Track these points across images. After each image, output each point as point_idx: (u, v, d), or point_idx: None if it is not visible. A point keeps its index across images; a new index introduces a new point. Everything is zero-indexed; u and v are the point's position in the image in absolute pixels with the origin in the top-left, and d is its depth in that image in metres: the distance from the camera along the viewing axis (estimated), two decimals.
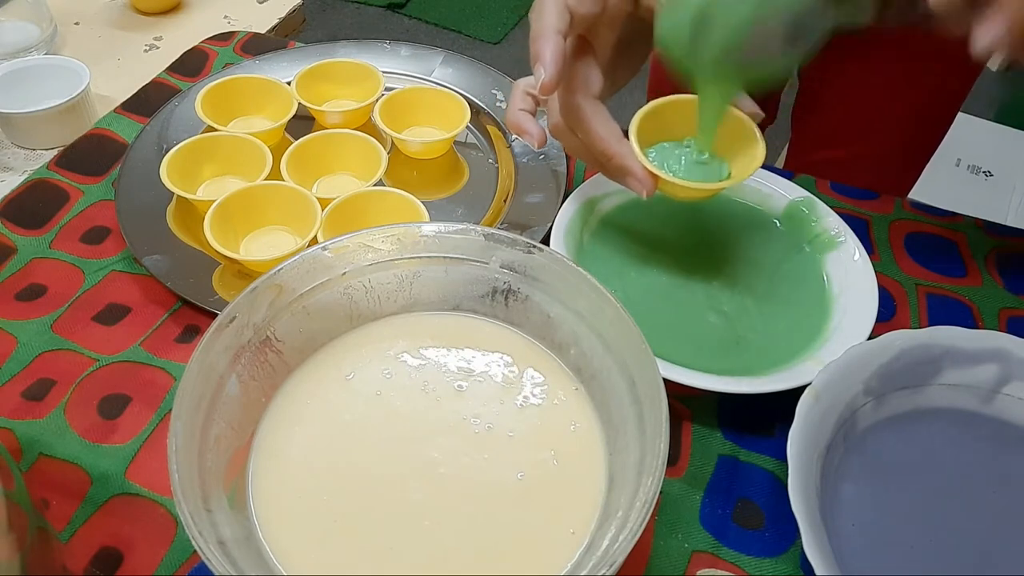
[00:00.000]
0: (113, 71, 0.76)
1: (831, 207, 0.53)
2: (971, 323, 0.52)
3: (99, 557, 0.39)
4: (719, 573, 0.40)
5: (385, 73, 0.64)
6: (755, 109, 0.47)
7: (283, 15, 0.86)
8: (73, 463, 0.42)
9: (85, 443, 0.43)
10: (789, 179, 0.56)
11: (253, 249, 0.53)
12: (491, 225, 0.55)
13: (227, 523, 0.32)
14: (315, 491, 0.35)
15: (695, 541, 0.41)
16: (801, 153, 0.79)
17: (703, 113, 0.46)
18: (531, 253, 0.39)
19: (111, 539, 0.40)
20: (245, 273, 0.51)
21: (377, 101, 0.61)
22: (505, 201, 0.57)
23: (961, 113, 0.73)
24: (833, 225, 0.52)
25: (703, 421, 0.46)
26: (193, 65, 0.70)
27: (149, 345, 0.48)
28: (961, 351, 0.44)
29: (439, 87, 0.65)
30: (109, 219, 0.55)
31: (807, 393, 0.41)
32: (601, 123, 0.46)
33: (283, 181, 0.54)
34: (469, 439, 0.37)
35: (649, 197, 0.46)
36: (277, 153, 0.56)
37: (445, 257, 0.40)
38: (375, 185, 0.55)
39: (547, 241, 0.50)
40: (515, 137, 0.61)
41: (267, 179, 0.54)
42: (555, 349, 0.40)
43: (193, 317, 0.50)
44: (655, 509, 0.41)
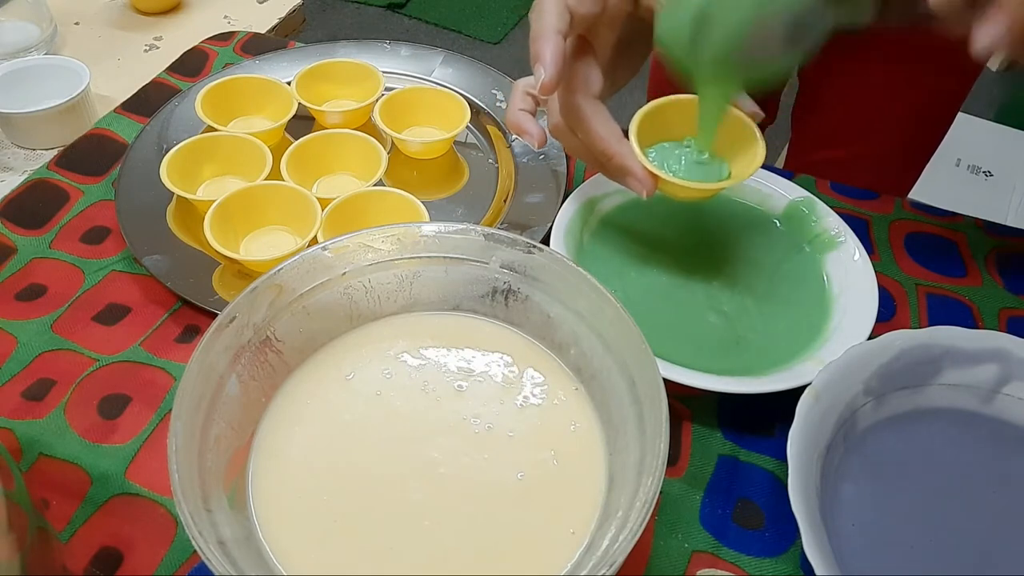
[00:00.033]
0: (113, 71, 0.76)
1: (831, 207, 0.53)
2: (971, 323, 0.52)
3: (99, 557, 0.39)
4: (719, 573, 0.40)
5: (385, 73, 0.64)
6: (755, 109, 0.47)
7: (283, 15, 0.86)
8: (73, 463, 0.42)
9: (85, 443, 0.43)
10: (789, 179, 0.56)
11: (253, 249, 0.53)
12: (491, 225, 0.55)
13: (227, 523, 0.32)
14: (315, 491, 0.35)
15: (695, 541, 0.41)
16: (801, 153, 0.79)
17: (703, 112, 0.46)
18: (531, 253, 0.39)
19: (111, 539, 0.40)
20: (245, 273, 0.51)
21: (377, 101, 0.61)
22: (505, 201, 0.57)
23: (961, 113, 0.73)
24: (833, 225, 0.52)
25: (703, 421, 0.46)
26: (193, 65, 0.70)
27: (149, 345, 0.48)
28: (961, 351, 0.44)
29: (439, 87, 0.65)
30: (109, 219, 0.55)
31: (807, 393, 0.41)
32: (601, 123, 0.46)
33: (283, 181, 0.54)
34: (469, 439, 0.37)
35: (649, 197, 0.46)
36: (277, 153, 0.56)
37: (445, 257, 0.40)
38: (375, 185, 0.55)
39: (547, 241, 0.50)
40: (515, 137, 0.61)
41: (267, 179, 0.54)
42: (555, 349, 0.40)
43: (193, 317, 0.50)
44: (655, 509, 0.41)
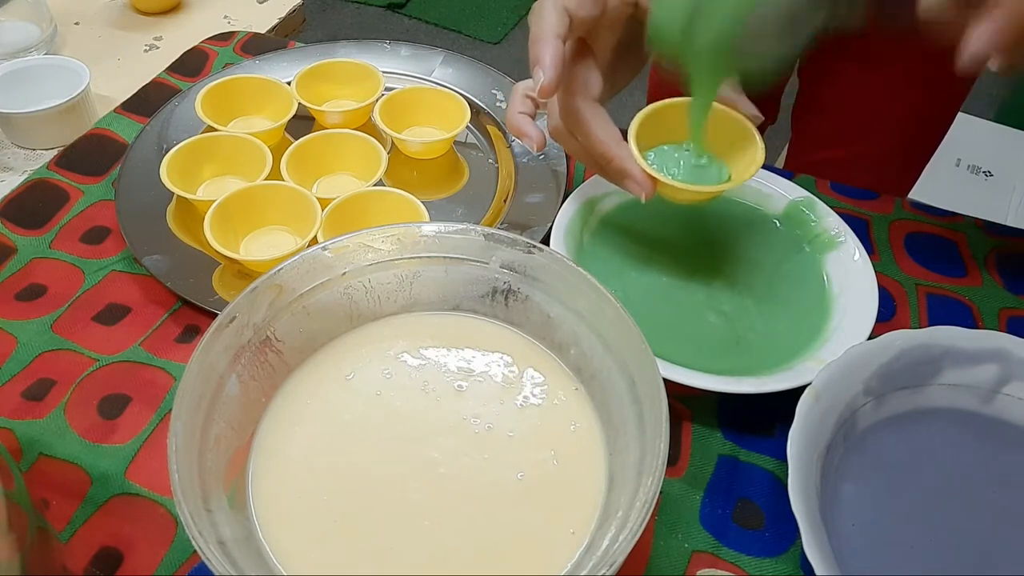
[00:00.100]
0: (113, 71, 0.76)
1: (831, 207, 0.53)
2: (971, 323, 0.52)
3: (99, 557, 0.39)
4: (719, 573, 0.40)
5: (385, 73, 0.64)
6: (754, 112, 0.47)
7: (283, 15, 0.86)
8: (73, 463, 0.42)
9: (85, 443, 0.43)
10: (789, 179, 0.56)
11: (253, 249, 0.53)
12: (491, 225, 0.55)
13: (227, 523, 0.32)
14: (315, 491, 0.35)
15: (695, 541, 0.41)
16: (801, 153, 0.79)
17: (693, 105, 0.46)
18: (531, 253, 0.39)
19: (111, 539, 0.40)
20: (245, 273, 0.51)
21: (377, 101, 0.61)
22: (505, 201, 0.57)
23: (961, 113, 0.73)
24: (833, 225, 0.52)
25: (703, 421, 0.46)
26: (193, 65, 0.70)
27: (149, 345, 0.48)
28: (961, 351, 0.44)
29: (439, 87, 0.65)
30: (109, 219, 0.55)
31: (807, 393, 0.41)
32: (600, 126, 0.46)
33: (283, 181, 0.54)
34: (469, 439, 0.37)
35: (648, 200, 0.46)
36: (277, 153, 0.56)
37: (445, 257, 0.40)
38: (375, 185, 0.55)
39: (547, 241, 0.50)
40: (515, 137, 0.61)
41: (267, 179, 0.54)
42: (555, 349, 0.40)
43: (193, 317, 0.50)
44: (655, 509, 0.41)
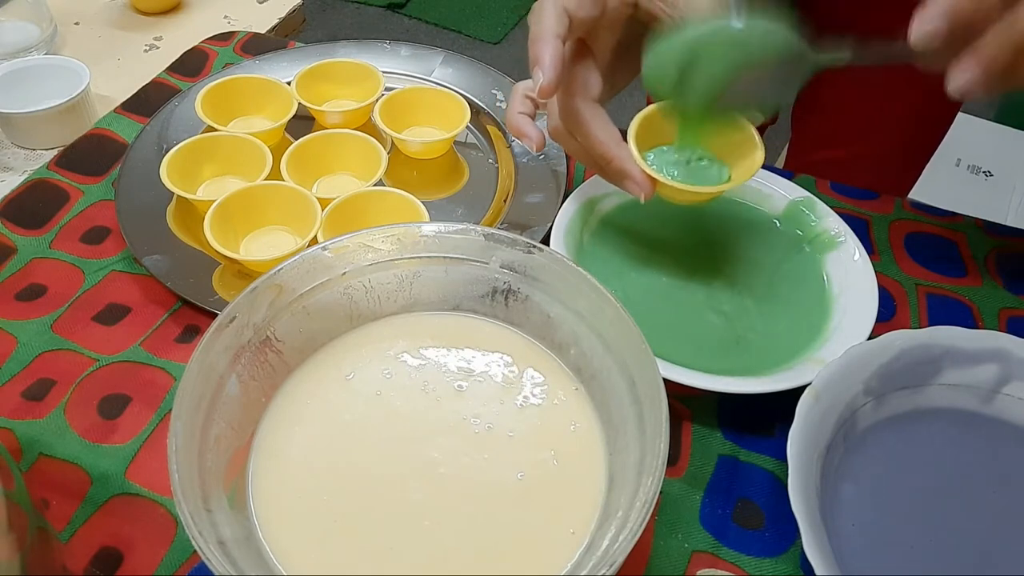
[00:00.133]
0: (113, 71, 0.76)
1: (831, 207, 0.53)
2: (971, 323, 0.52)
3: (99, 557, 0.39)
4: (719, 573, 0.40)
5: (385, 73, 0.64)
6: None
7: (283, 15, 0.86)
8: (73, 463, 0.42)
9: (85, 443, 0.43)
10: (789, 179, 0.56)
11: (253, 249, 0.53)
12: (491, 225, 0.55)
13: (227, 523, 0.32)
14: (315, 491, 0.35)
15: (695, 541, 0.41)
16: (801, 153, 0.79)
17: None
18: (531, 253, 0.39)
19: (111, 539, 0.40)
20: (245, 273, 0.51)
21: (377, 101, 0.61)
22: (505, 201, 0.57)
23: (961, 113, 0.73)
24: (833, 225, 0.52)
25: (703, 421, 0.46)
26: (193, 65, 0.70)
27: (149, 345, 0.48)
28: (961, 351, 0.44)
29: (439, 87, 0.65)
30: (109, 219, 0.55)
31: (807, 393, 0.41)
32: (600, 126, 0.46)
33: (283, 181, 0.54)
34: (469, 439, 0.37)
35: (647, 201, 0.46)
36: (277, 153, 0.56)
37: (445, 257, 0.40)
38: (375, 185, 0.55)
39: (547, 241, 0.50)
40: (515, 137, 0.61)
41: (267, 179, 0.54)
42: (555, 349, 0.40)
43: (193, 317, 0.50)
44: (655, 509, 0.41)
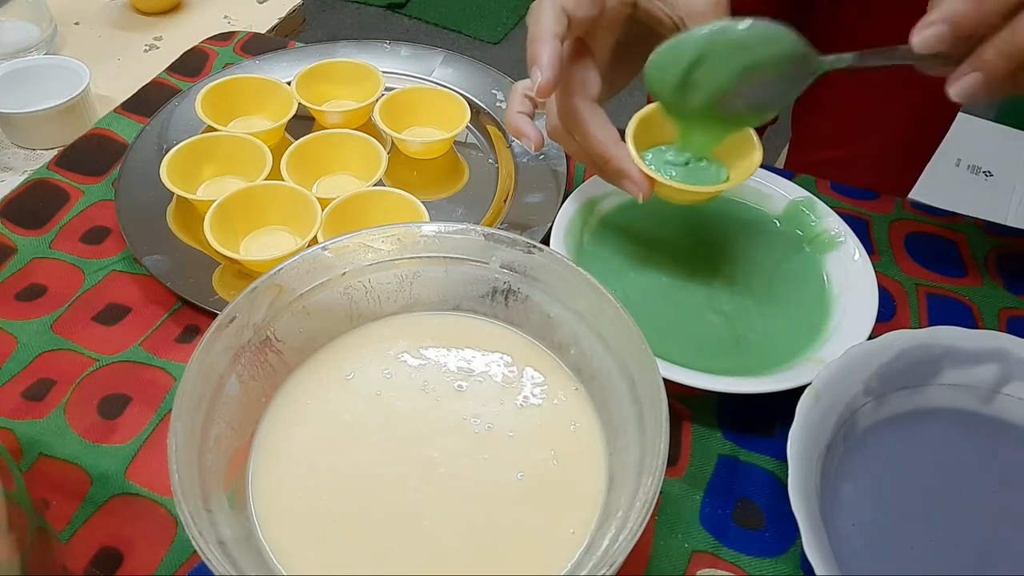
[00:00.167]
0: (113, 71, 0.76)
1: (831, 207, 0.53)
2: (971, 323, 0.52)
3: (99, 557, 0.39)
4: (719, 573, 0.40)
5: (385, 73, 0.64)
6: None
7: (283, 15, 0.86)
8: (73, 463, 0.42)
9: (85, 443, 0.43)
10: (789, 179, 0.56)
11: (253, 249, 0.53)
12: (491, 225, 0.55)
13: (227, 523, 0.32)
14: (315, 491, 0.35)
15: (695, 541, 0.41)
16: (801, 153, 0.79)
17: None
18: (531, 253, 0.39)
19: (111, 539, 0.40)
20: (245, 273, 0.51)
21: (377, 101, 0.61)
22: (505, 201, 0.57)
23: (961, 113, 0.73)
24: (833, 225, 0.52)
25: (703, 421, 0.46)
26: (193, 65, 0.70)
27: (149, 345, 0.48)
28: (961, 351, 0.44)
29: (439, 87, 0.65)
30: (109, 219, 0.55)
31: (807, 393, 0.41)
32: (598, 126, 0.46)
33: (283, 181, 0.54)
34: (469, 439, 0.37)
35: (645, 200, 0.46)
36: (277, 153, 0.56)
37: (445, 257, 0.40)
38: (375, 185, 0.55)
39: (547, 241, 0.50)
40: (514, 137, 0.61)
41: (267, 179, 0.54)
42: (555, 349, 0.40)
43: (193, 317, 0.50)
44: (655, 509, 0.41)
